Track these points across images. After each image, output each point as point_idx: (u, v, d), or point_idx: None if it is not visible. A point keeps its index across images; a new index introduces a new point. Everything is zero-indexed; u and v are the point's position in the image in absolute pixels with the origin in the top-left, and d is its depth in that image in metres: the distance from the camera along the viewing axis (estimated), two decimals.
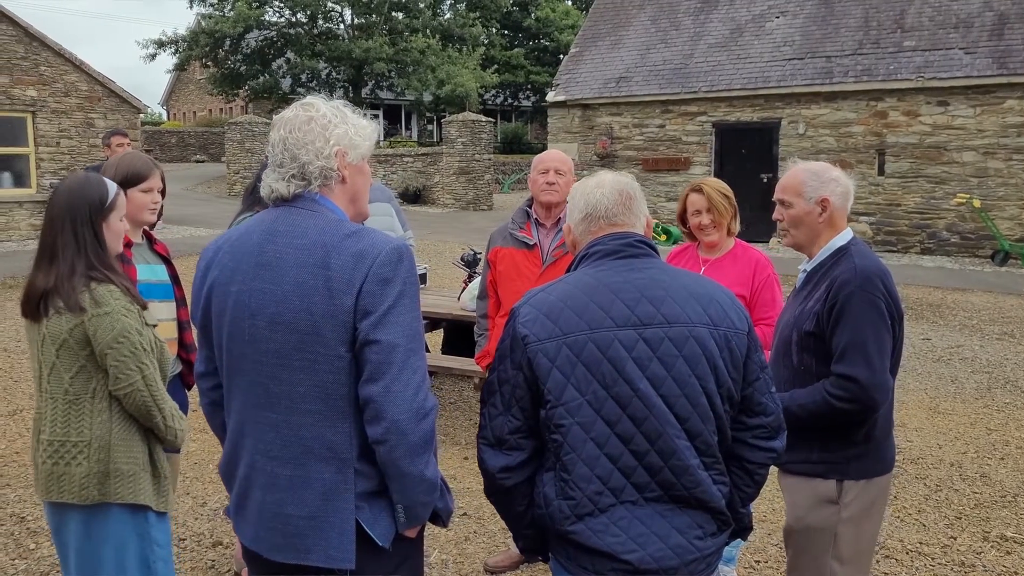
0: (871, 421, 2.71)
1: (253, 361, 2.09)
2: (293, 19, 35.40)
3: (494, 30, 42.15)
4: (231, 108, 43.25)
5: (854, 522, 2.75)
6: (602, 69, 20.83)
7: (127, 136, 7.45)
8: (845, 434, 2.71)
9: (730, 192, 3.86)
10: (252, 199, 3.90)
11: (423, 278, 7.63)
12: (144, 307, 2.79)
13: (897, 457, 5.80)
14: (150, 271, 3.47)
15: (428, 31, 34.90)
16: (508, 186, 31.58)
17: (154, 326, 2.85)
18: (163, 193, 3.53)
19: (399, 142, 35.97)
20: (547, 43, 42.57)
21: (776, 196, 2.89)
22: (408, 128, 44.51)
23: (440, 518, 2.25)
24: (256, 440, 2.13)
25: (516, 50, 41.50)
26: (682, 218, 3.91)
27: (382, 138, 39.58)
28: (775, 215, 2.91)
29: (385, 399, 1.97)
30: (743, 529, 2.33)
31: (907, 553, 4.44)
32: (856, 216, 17.48)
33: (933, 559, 4.38)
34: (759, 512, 4.69)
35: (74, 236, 2.70)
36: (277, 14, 35.31)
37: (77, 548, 2.79)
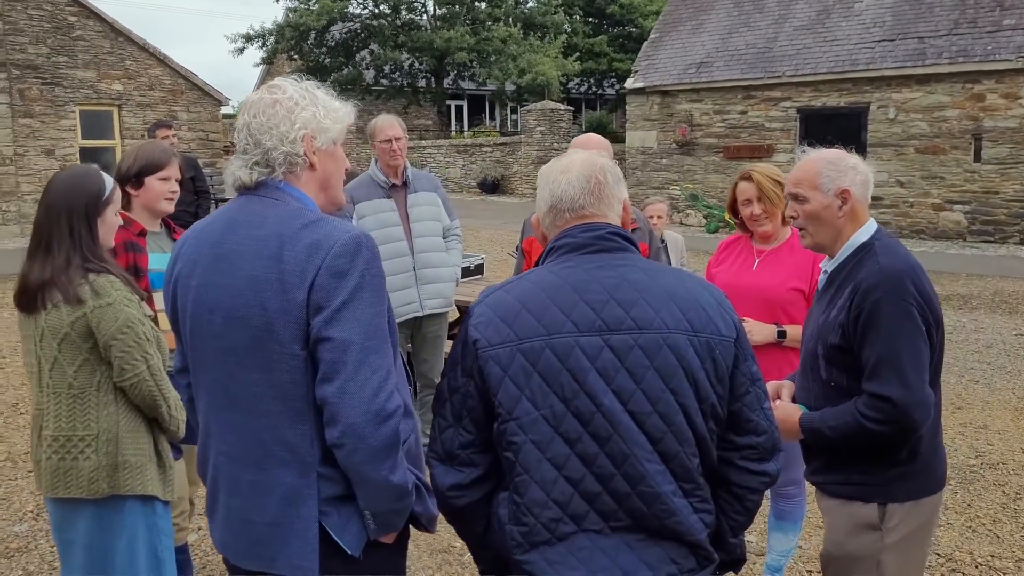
0: (913, 442, 2.41)
1: (214, 359, 1.97)
2: (376, 11, 35.69)
3: (577, 17, 41.74)
4: None
5: (900, 548, 2.45)
6: (682, 55, 20.35)
7: (171, 128, 7.69)
8: (887, 454, 2.43)
9: (783, 178, 3.57)
10: None
11: (479, 268, 7.50)
12: (144, 299, 2.74)
13: (975, 462, 5.44)
14: (164, 260, 3.42)
15: (510, 20, 34.76)
16: None
17: (152, 317, 2.81)
18: (181, 183, 3.48)
19: (482, 132, 35.98)
20: (632, 29, 41.94)
21: (787, 190, 2.60)
22: (492, 118, 44.50)
23: (420, 523, 2.10)
24: (219, 441, 2.02)
25: (599, 37, 40.99)
26: (732, 208, 3.64)
27: (465, 128, 39.92)
28: (788, 211, 2.62)
29: (340, 400, 1.83)
30: (735, 562, 2.06)
31: (976, 567, 4.11)
32: (950, 204, 16.69)
33: (1004, 574, 4.04)
34: (815, 519, 4.40)
35: (69, 230, 2.67)
36: (360, 6, 35.64)
37: (88, 544, 2.75)
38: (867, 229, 2.51)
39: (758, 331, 3.33)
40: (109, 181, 2.79)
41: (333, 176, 2.08)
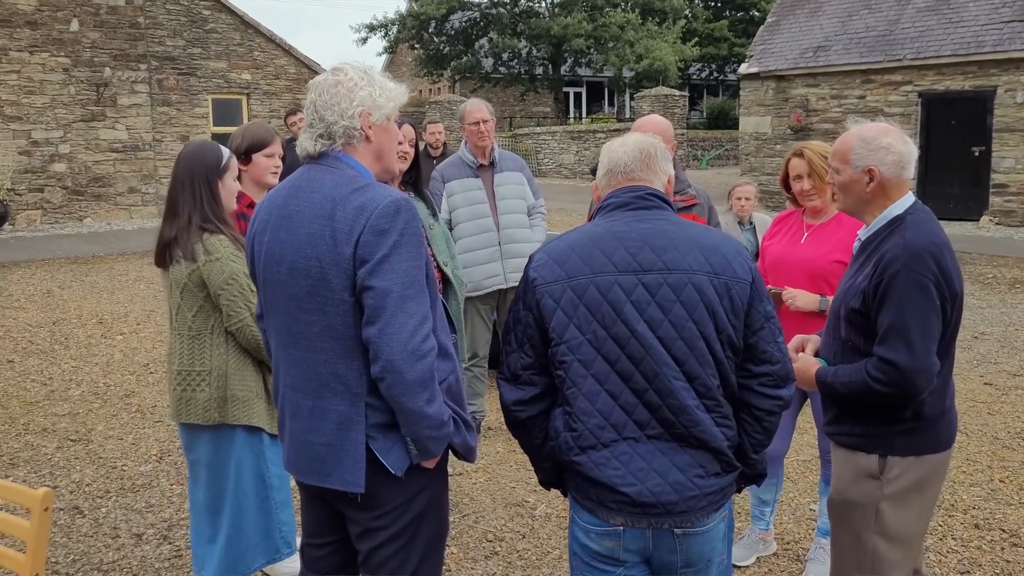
0: (916, 403, 2.57)
1: (280, 304, 2.33)
2: None
3: (697, 1, 41.21)
4: (439, 88, 44.89)
5: (899, 499, 2.62)
6: (799, 38, 19.95)
7: (298, 113, 8.20)
8: (892, 412, 2.60)
9: None
10: None
11: None
12: None
13: None
14: None
15: (628, 5, 34.65)
16: (706, 162, 30.82)
17: None
18: (283, 159, 3.89)
19: (600, 119, 36.03)
20: (754, 13, 41.11)
21: (829, 160, 2.80)
22: (611, 105, 44.45)
23: (459, 453, 2.42)
24: (285, 374, 2.38)
25: (720, 22, 40.36)
26: (785, 183, 3.82)
27: (584, 115, 40.02)
28: (828, 178, 2.83)
29: (380, 340, 2.15)
30: (756, 476, 2.38)
31: None
32: None
33: None
34: None
35: (192, 193, 3.14)
36: None
37: (208, 463, 3.25)
38: (902, 203, 2.65)
39: (802, 298, 3.52)
40: (226, 152, 3.25)
41: (386, 148, 2.41)
